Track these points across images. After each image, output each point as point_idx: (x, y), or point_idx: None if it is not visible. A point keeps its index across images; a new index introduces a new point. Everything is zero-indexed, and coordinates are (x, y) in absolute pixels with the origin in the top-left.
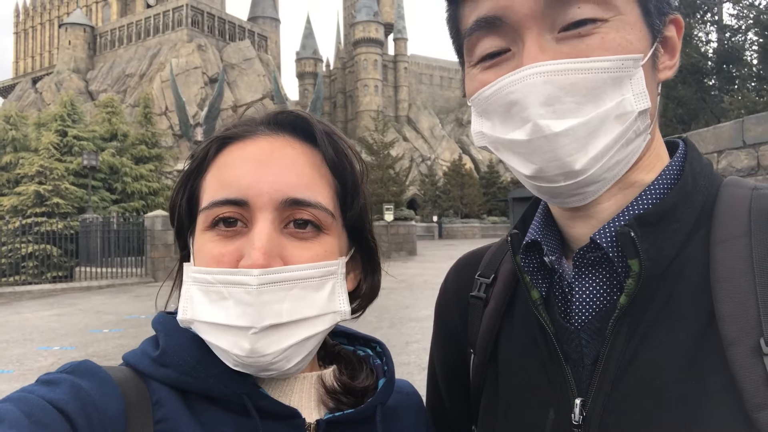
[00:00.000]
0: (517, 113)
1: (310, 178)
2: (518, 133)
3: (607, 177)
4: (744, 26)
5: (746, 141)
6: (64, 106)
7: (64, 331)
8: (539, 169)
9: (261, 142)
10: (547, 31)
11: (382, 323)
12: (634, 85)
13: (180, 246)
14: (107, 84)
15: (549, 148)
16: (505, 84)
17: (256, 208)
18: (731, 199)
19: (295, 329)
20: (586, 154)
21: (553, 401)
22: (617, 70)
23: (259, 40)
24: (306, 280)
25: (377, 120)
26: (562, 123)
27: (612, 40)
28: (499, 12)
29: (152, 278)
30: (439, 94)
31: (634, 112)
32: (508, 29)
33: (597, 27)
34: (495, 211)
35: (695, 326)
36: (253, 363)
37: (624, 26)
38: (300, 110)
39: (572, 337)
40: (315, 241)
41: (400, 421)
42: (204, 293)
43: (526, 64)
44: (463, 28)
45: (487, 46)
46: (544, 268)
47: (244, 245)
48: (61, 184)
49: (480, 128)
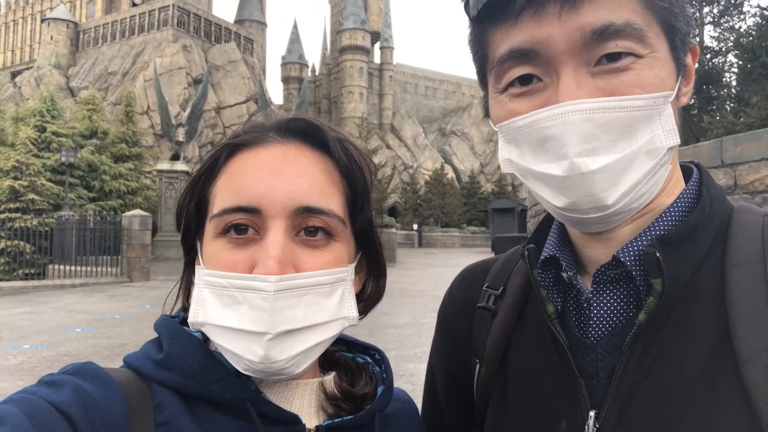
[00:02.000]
0: (552, 148)
1: (322, 186)
2: (553, 167)
3: (633, 207)
4: (724, 48)
5: (724, 160)
6: (44, 101)
7: (35, 329)
8: (573, 203)
9: (273, 149)
10: (583, 65)
11: (360, 329)
12: (663, 121)
13: (186, 250)
14: (89, 81)
15: (584, 185)
16: (541, 118)
17: (269, 216)
18: (744, 224)
19: (306, 335)
20: (617, 190)
21: (566, 413)
22: (650, 108)
23: (245, 43)
24: (319, 287)
25: (361, 127)
26: (598, 160)
27: (646, 78)
28: (536, 45)
29: (127, 278)
30: (423, 104)
31: (664, 148)
32: (542, 61)
33: (633, 62)
34: (475, 221)
35: (710, 344)
36: (264, 369)
37: (656, 63)
38: (311, 117)
39: (588, 351)
40: (326, 248)
41: (397, 428)
42: (217, 296)
43: (563, 99)
44: (491, 54)
45: (518, 72)
46: (559, 284)
47: (257, 253)
48: (37, 180)
49: (508, 155)
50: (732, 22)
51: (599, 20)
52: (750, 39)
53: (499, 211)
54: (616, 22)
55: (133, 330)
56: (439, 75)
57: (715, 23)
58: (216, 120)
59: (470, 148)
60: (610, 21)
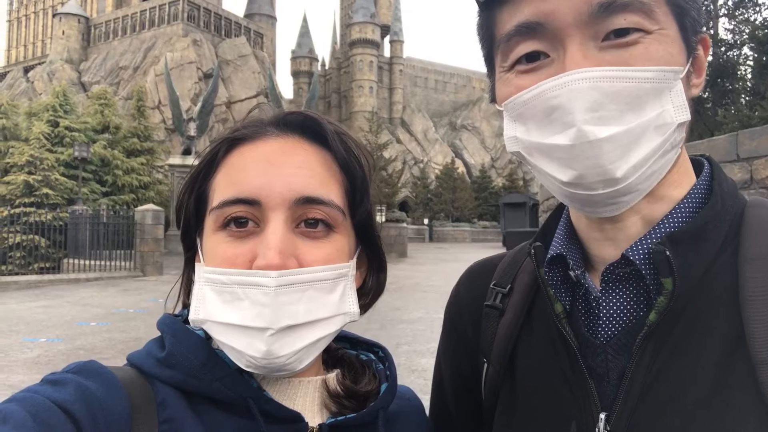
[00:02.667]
0: (558, 118)
1: (321, 177)
2: (559, 137)
3: (641, 188)
4: (739, 41)
5: (740, 155)
6: (57, 96)
7: (51, 323)
8: (579, 175)
9: (272, 142)
10: (590, 39)
11: (372, 324)
12: (674, 97)
13: (186, 247)
14: (100, 76)
15: (592, 154)
16: (548, 88)
17: (269, 207)
18: (758, 220)
19: (308, 330)
20: (627, 162)
21: (576, 414)
22: (659, 81)
23: (254, 37)
24: (320, 282)
25: (371, 121)
26: (606, 129)
27: (655, 51)
28: (542, 18)
29: (141, 272)
30: (433, 98)
31: (674, 123)
32: (549, 35)
33: (641, 37)
34: (486, 216)
35: (723, 344)
36: (266, 365)
37: (665, 39)
38: (308, 111)
39: (598, 351)
40: (326, 240)
41: (401, 426)
42: (217, 293)
43: (570, 69)
44: (498, 34)
45: (525, 48)
46: (567, 282)
47: (257, 245)
48: (51, 175)
49: (513, 133)
50: (747, 14)
51: None
52: (765, 31)
53: (511, 206)
54: None
55: (146, 324)
56: (449, 68)
57: (730, 15)
58: (227, 114)
59: (481, 143)
60: None
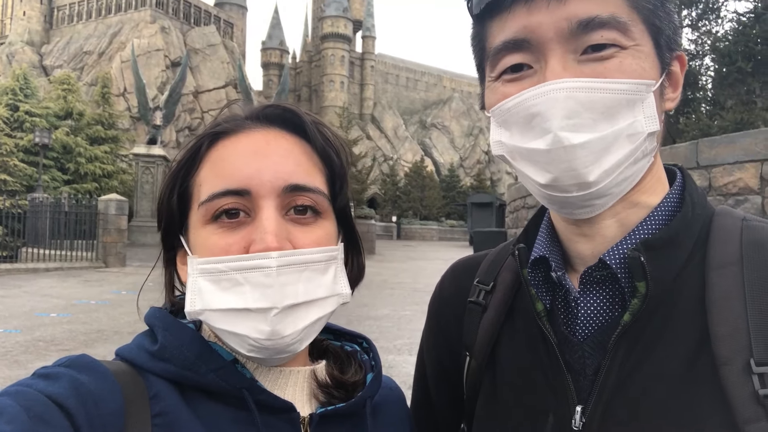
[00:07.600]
0: (538, 124)
1: (306, 166)
2: (538, 142)
3: (614, 192)
4: (701, 52)
5: (700, 162)
6: (17, 79)
7: (8, 313)
8: (555, 178)
9: (255, 134)
10: (570, 52)
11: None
12: (645, 108)
13: (166, 247)
14: (63, 60)
15: (566, 158)
16: (529, 97)
17: (259, 196)
18: (724, 228)
19: (308, 309)
20: (599, 167)
21: (553, 407)
22: (632, 92)
23: (224, 27)
24: (315, 263)
25: (342, 116)
26: (580, 136)
27: (629, 65)
28: (528, 35)
29: (103, 263)
30: (404, 95)
31: (644, 132)
32: (533, 49)
33: (617, 51)
34: (453, 215)
35: (690, 344)
36: (271, 345)
37: (640, 55)
38: (287, 103)
39: (575, 348)
40: (315, 225)
41: (386, 414)
42: (214, 282)
43: (550, 80)
44: (488, 46)
45: (510, 60)
46: (548, 282)
47: (252, 233)
48: (9, 161)
49: (499, 137)
50: (709, 26)
51: (586, 12)
52: (726, 43)
53: (478, 206)
54: (602, 14)
55: (109, 316)
56: (421, 67)
57: (693, 26)
58: (194, 104)
59: (450, 142)
60: (596, 13)
